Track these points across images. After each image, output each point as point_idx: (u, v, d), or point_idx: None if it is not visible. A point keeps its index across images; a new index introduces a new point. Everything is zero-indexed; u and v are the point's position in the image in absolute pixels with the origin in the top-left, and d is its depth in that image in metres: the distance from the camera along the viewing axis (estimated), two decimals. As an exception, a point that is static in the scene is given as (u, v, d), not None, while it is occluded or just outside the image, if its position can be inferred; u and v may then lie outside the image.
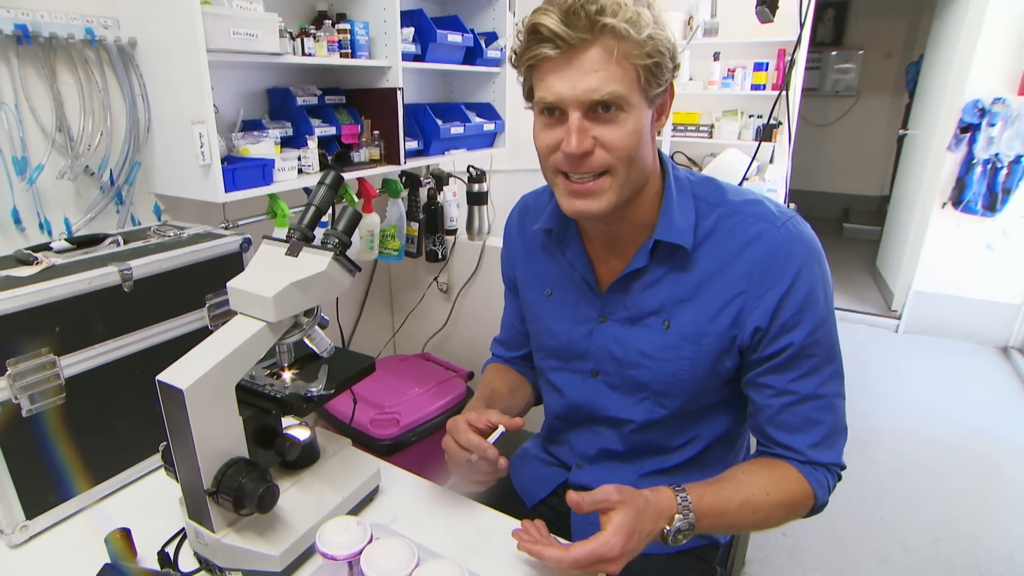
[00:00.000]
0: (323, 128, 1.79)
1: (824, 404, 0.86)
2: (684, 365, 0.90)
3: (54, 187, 1.36)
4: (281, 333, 0.84)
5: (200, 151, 1.37)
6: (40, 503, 0.88)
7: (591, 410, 1.02)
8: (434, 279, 2.33)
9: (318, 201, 0.90)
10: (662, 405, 0.94)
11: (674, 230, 0.87)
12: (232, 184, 1.46)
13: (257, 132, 1.65)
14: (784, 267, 0.83)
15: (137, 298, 0.97)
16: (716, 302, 0.86)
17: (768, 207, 0.87)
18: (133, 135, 1.45)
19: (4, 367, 0.82)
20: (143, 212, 1.54)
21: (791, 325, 0.83)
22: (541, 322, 1.07)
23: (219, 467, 0.77)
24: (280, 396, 0.85)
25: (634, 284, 0.92)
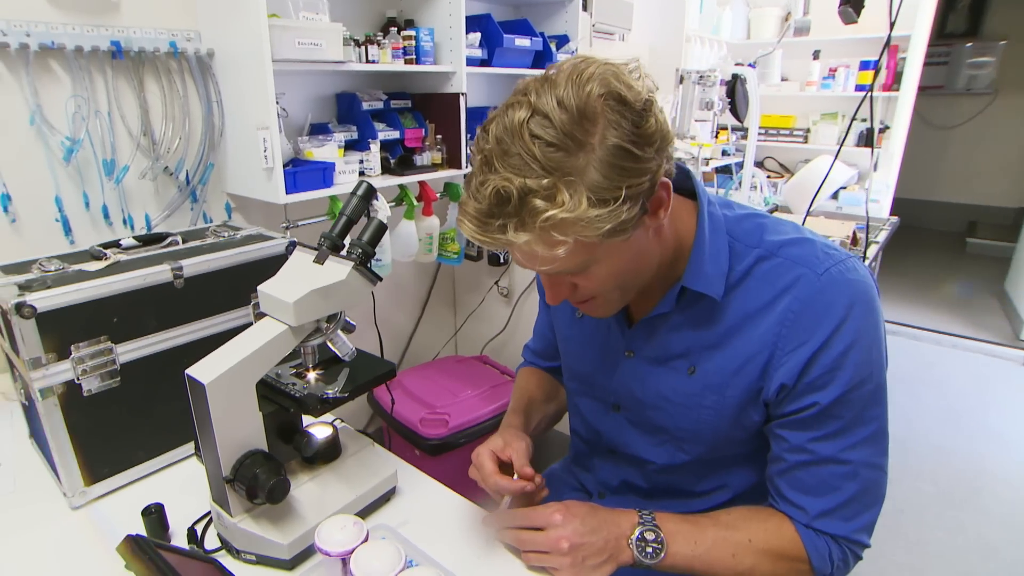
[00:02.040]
0: (387, 132, 1.90)
1: (847, 471, 0.80)
2: (705, 415, 0.87)
3: (137, 186, 1.53)
4: (303, 336, 0.91)
5: (264, 155, 1.50)
6: (96, 473, 1.02)
7: (612, 443, 1.02)
8: (495, 283, 2.40)
9: (349, 211, 0.95)
10: (683, 450, 0.92)
11: (702, 278, 0.83)
12: (293, 186, 1.59)
13: (322, 136, 1.78)
14: (820, 319, 0.77)
15: (187, 294, 1.09)
16: (743, 353, 0.82)
17: (814, 249, 0.81)
18: (208, 138, 1.61)
19: (69, 351, 0.96)
20: (215, 210, 1.70)
21: (819, 384, 0.78)
22: (570, 344, 1.07)
23: (238, 457, 0.86)
24: (299, 395, 0.93)
25: (661, 325, 0.89)
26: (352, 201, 0.96)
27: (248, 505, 0.88)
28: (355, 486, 0.98)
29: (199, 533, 0.94)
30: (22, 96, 1.33)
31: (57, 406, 0.96)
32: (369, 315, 1.13)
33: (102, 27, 1.39)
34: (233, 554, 0.90)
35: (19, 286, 0.95)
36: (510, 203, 0.65)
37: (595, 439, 1.05)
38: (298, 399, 0.92)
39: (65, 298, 0.94)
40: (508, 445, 0.95)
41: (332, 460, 1.01)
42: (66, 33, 1.33)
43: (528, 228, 0.66)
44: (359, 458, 1.04)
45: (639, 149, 0.67)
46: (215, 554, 0.91)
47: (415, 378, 2.18)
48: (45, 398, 0.94)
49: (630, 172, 0.67)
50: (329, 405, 0.92)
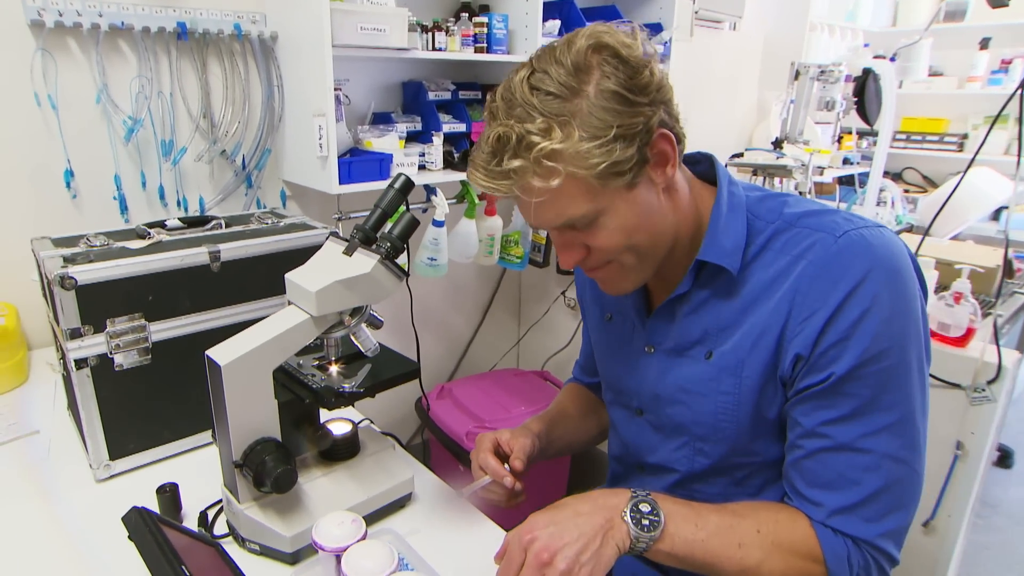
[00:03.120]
0: (453, 124, 1.99)
1: (867, 462, 0.79)
2: (724, 402, 0.89)
3: (193, 168, 1.69)
4: (325, 327, 0.99)
5: (319, 143, 1.62)
6: (122, 448, 1.14)
7: (637, 453, 1.05)
8: (562, 293, 2.43)
9: (385, 204, 1.02)
10: (704, 453, 0.94)
11: (718, 250, 0.87)
12: (347, 176, 1.70)
13: (384, 125, 1.89)
14: (836, 281, 0.79)
15: (223, 278, 1.20)
16: (758, 327, 0.85)
17: (835, 216, 0.85)
18: (266, 123, 1.75)
19: (104, 324, 1.08)
20: (270, 196, 1.85)
21: (833, 355, 0.79)
22: (600, 349, 1.12)
23: (250, 443, 0.94)
24: (316, 387, 1.00)
25: (679, 310, 0.93)
26: (388, 194, 1.02)
27: (256, 493, 0.96)
28: (368, 487, 1.04)
29: (210, 518, 1.04)
30: (91, 75, 1.50)
31: (89, 377, 1.08)
32: (406, 313, 1.19)
33: (169, 8, 1.55)
34: (239, 542, 0.99)
35: (64, 258, 1.08)
36: (509, 144, 0.76)
37: (625, 453, 1.08)
38: (315, 390, 1.00)
39: (104, 273, 1.07)
40: (514, 439, 1.03)
41: (349, 458, 1.08)
42: (135, 14, 1.50)
43: (522, 157, 0.76)
44: (377, 459, 1.10)
45: (632, 94, 0.76)
46: (222, 540, 1.00)
47: (468, 388, 2.24)
48: (79, 369, 1.07)
49: (621, 114, 0.76)
50: (344, 399, 0.99)
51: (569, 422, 1.19)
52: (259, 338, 0.93)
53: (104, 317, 1.08)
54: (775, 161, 2.49)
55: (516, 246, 2.22)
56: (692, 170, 0.95)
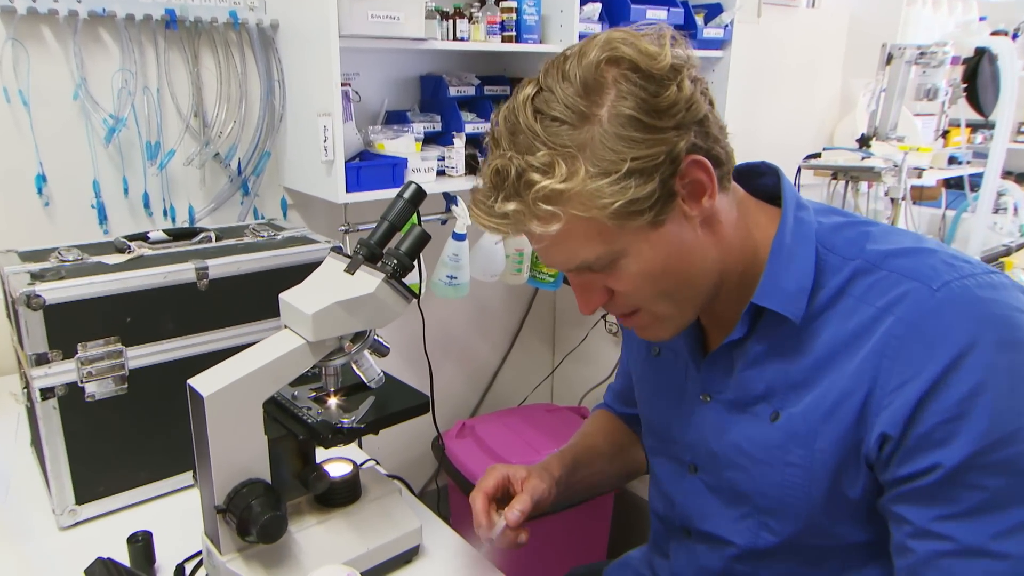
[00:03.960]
0: (477, 124, 2.01)
1: (1007, 570, 0.73)
2: (792, 476, 0.86)
3: (182, 173, 1.73)
4: (323, 354, 1.00)
5: (323, 145, 1.64)
6: (90, 491, 1.16)
7: (686, 516, 1.02)
8: (603, 317, 2.41)
9: (392, 216, 1.03)
10: (770, 529, 0.91)
11: (778, 294, 0.84)
12: (356, 184, 1.72)
13: (398, 126, 1.91)
14: (933, 346, 0.74)
15: (211, 298, 1.23)
16: (835, 392, 0.82)
17: (935, 259, 0.80)
18: (265, 123, 1.79)
19: (75, 349, 1.11)
20: (269, 206, 1.89)
21: (939, 438, 0.74)
22: (643, 388, 1.11)
23: (235, 485, 0.94)
24: (311, 422, 1.01)
25: (737, 357, 0.91)
26: (397, 205, 1.03)
27: (240, 543, 0.97)
28: (369, 538, 1.04)
29: (187, 572, 1.05)
30: (67, 68, 1.56)
31: (56, 409, 1.11)
32: (417, 340, 1.21)
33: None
34: (220, 600, 1.00)
35: (32, 275, 1.12)
36: (508, 179, 0.76)
37: (670, 514, 1.06)
38: (310, 426, 1.00)
39: (77, 291, 1.10)
40: (529, 480, 1.02)
41: (349, 504, 1.08)
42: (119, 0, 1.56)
43: (520, 200, 0.75)
44: (381, 505, 1.10)
45: (650, 119, 0.74)
46: (201, 597, 1.01)
47: (493, 426, 2.23)
48: (44, 399, 1.10)
49: (637, 143, 0.74)
50: (343, 436, 1.00)
51: (597, 461, 1.18)
52: (248, 366, 0.94)
53: (75, 341, 1.11)
54: (859, 162, 2.44)
55: (549, 263, 2.20)
56: (755, 184, 0.93)
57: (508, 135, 0.78)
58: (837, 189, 2.56)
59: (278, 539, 0.95)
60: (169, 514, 1.20)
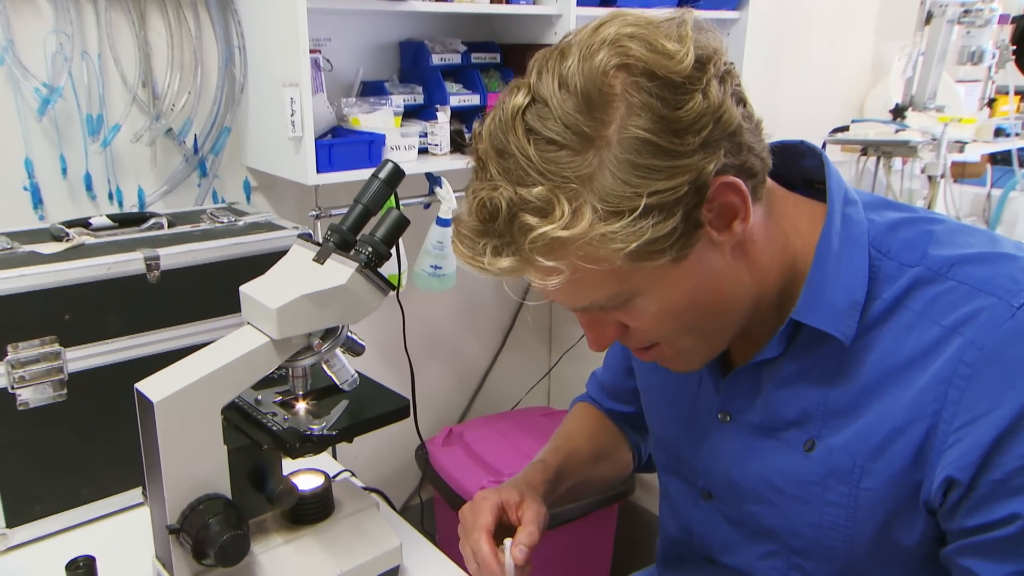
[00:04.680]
0: (464, 96, 1.99)
1: None
2: (833, 516, 0.83)
3: (130, 151, 1.71)
4: (289, 354, 0.99)
5: (291, 120, 1.62)
6: (25, 511, 1.15)
7: (706, 546, 1.01)
8: None
9: (367, 199, 1.03)
10: (803, 571, 0.89)
11: (822, 310, 0.80)
12: (328, 163, 1.70)
13: (375, 98, 1.89)
14: (1014, 378, 0.71)
15: (164, 292, 1.21)
16: (886, 424, 0.78)
17: (1016, 268, 0.77)
18: (224, 95, 1.77)
19: (6, 351, 1.10)
20: (230, 188, 1.87)
21: (1019, 485, 0.71)
22: (651, 398, 1.09)
23: (190, 502, 0.93)
24: (277, 429, 1.00)
25: (768, 377, 0.88)
26: (372, 186, 1.02)
27: (196, 567, 0.96)
28: (342, 558, 1.03)
29: (138, 600, 1.04)
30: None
31: (-16, 419, 1.09)
32: (397, 337, 1.19)
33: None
34: (172, 632, 0.98)
35: (-46, 267, 1.10)
36: (498, 218, 0.69)
37: (688, 540, 1.05)
38: (275, 434, 0.99)
39: (6, 284, 1.08)
40: (527, 506, 0.99)
41: (320, 521, 1.08)
42: (52, -49, 1.53)
43: (516, 251, 0.70)
44: (355, 522, 1.09)
45: (670, 141, 0.67)
46: (152, 630, 1.00)
47: (484, 432, 2.21)
48: (-30, 408, 1.08)
49: (657, 173, 0.68)
50: (313, 446, 0.98)
51: (582, 468, 1.17)
52: (204, 367, 0.93)
53: (5, 342, 1.10)
54: (893, 135, 2.41)
55: (546, 250, 2.19)
56: (793, 168, 0.89)
57: (496, 157, 0.71)
58: (867, 166, 2.53)
59: (239, 561, 0.94)
60: (114, 535, 1.19)
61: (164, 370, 0.94)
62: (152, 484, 0.95)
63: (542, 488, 1.07)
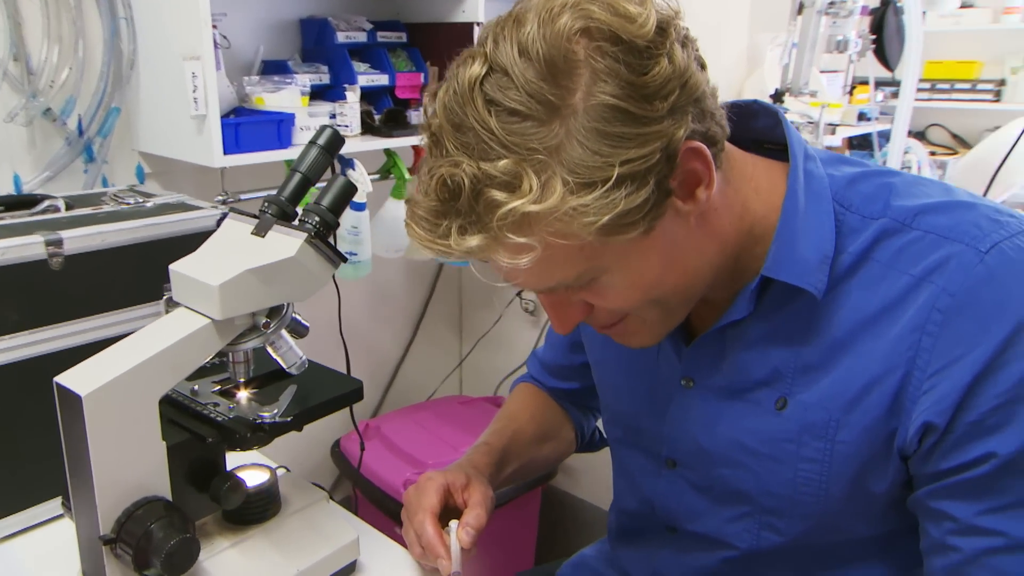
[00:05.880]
0: (372, 76, 1.92)
1: None
2: (807, 473, 0.84)
3: (2, 133, 1.54)
4: (232, 336, 0.90)
5: (193, 97, 1.50)
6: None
7: (669, 516, 1.01)
8: (517, 294, 2.40)
9: (305, 167, 0.96)
10: (774, 529, 0.89)
11: (794, 264, 0.80)
12: (235, 145, 1.60)
13: (279, 77, 1.79)
14: (987, 321, 0.72)
15: (69, 280, 1.08)
16: (861, 376, 0.79)
17: (976, 215, 0.78)
18: (112, 71, 1.62)
19: None
20: (121, 174, 1.71)
21: (994, 424, 0.72)
22: (604, 372, 1.08)
23: (126, 507, 0.83)
24: (222, 420, 0.91)
25: (734, 340, 0.88)
26: (311, 153, 0.96)
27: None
28: (296, 557, 0.96)
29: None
30: None
31: None
32: (332, 320, 1.12)
33: None
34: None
35: None
36: (461, 196, 0.66)
37: (648, 512, 1.04)
38: (221, 425, 0.91)
39: None
40: (470, 489, 0.99)
41: (267, 519, 1.00)
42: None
43: (483, 228, 0.67)
44: (306, 517, 1.02)
45: (639, 107, 0.66)
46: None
47: (401, 424, 2.19)
48: None
49: (628, 141, 0.66)
50: (264, 434, 0.91)
51: (526, 449, 1.16)
52: (137, 355, 0.83)
53: None
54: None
55: (460, 234, 2.15)
56: (748, 128, 0.88)
57: (453, 132, 0.68)
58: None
59: (188, 569, 0.85)
60: (22, 556, 1.06)
61: (87, 361, 0.84)
62: (78, 491, 0.85)
63: (487, 470, 1.07)
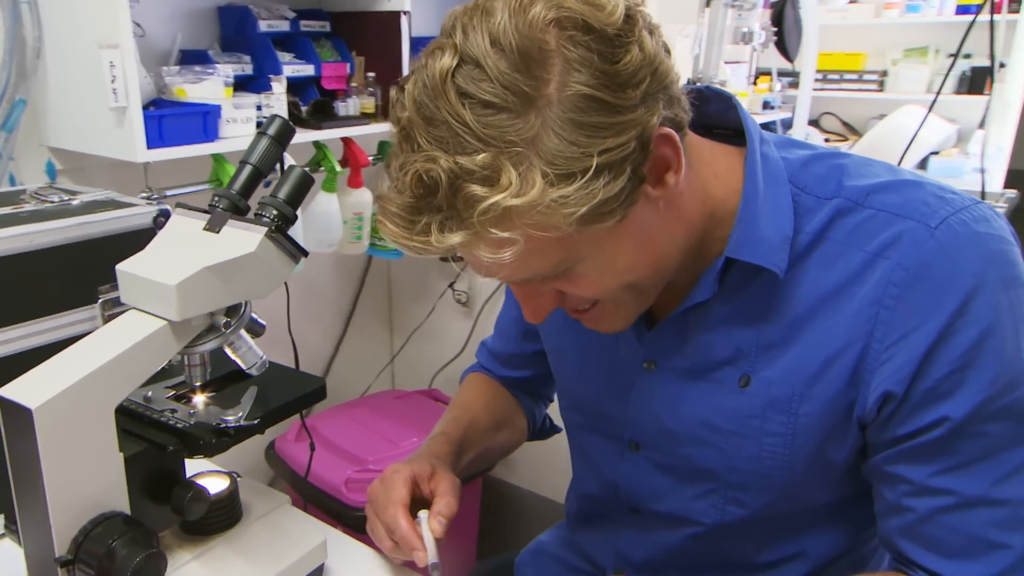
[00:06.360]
0: (297, 66, 1.88)
1: (1007, 515, 0.77)
2: (772, 446, 0.86)
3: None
4: (190, 338, 0.87)
5: (112, 88, 1.44)
6: None
7: (633, 498, 1.02)
8: (449, 286, 2.39)
9: (256, 159, 0.92)
10: (739, 503, 0.92)
11: (757, 245, 0.82)
12: (159, 138, 1.54)
13: (200, 67, 1.72)
14: (940, 292, 0.75)
15: (-10, 285, 1.02)
16: (822, 350, 0.82)
17: (923, 193, 0.81)
18: (15, 61, 1.53)
19: None
20: (29, 172, 1.63)
21: (946, 390, 0.76)
22: (562, 359, 1.09)
23: (82, 526, 0.79)
24: (183, 427, 0.88)
25: (696, 322, 0.90)
26: (260, 144, 0.92)
27: (98, 603, 0.81)
28: (264, 565, 0.93)
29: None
30: None
31: None
32: (280, 318, 1.09)
33: None
34: None
35: None
36: (438, 192, 0.66)
37: (610, 495, 1.05)
38: (182, 432, 0.88)
39: None
40: (436, 478, 0.98)
41: (230, 527, 0.97)
42: None
43: (463, 224, 0.66)
44: (270, 523, 1.00)
45: (615, 95, 0.66)
46: None
47: (337, 422, 2.17)
48: None
49: (604, 130, 0.66)
50: (229, 439, 0.89)
51: (483, 438, 1.16)
52: (89, 362, 0.79)
53: None
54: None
55: (392, 227, 2.12)
56: (700, 112, 0.88)
57: (423, 125, 0.67)
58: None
59: None
60: None
61: (33, 372, 0.79)
62: (27, 511, 0.80)
63: (448, 459, 1.07)
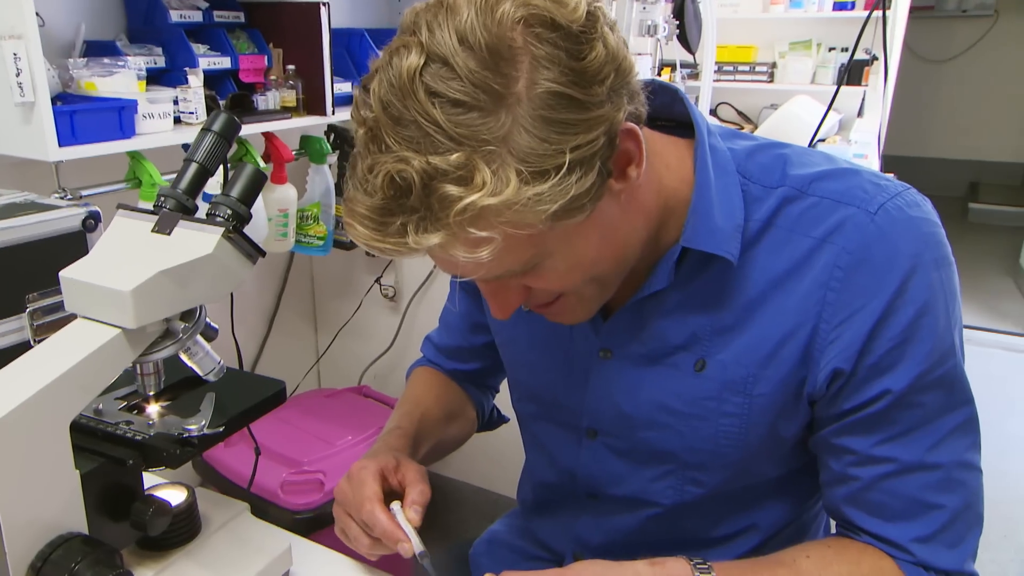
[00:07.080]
0: (212, 58, 1.83)
1: (940, 478, 0.83)
2: (728, 426, 0.89)
3: None
4: (144, 346, 0.84)
5: (16, 82, 1.39)
6: None
7: (591, 484, 1.04)
8: (376, 280, 2.38)
9: (202, 156, 0.90)
10: (696, 483, 0.95)
11: (710, 234, 0.84)
12: (71, 135, 1.49)
13: (109, 59, 1.66)
14: (881, 273, 0.80)
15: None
16: (774, 332, 0.85)
17: (861, 180, 0.85)
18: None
19: None
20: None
21: (888, 364, 0.81)
22: (516, 350, 1.09)
23: (39, 549, 0.76)
24: (142, 439, 0.85)
25: (651, 310, 0.92)
26: (204, 141, 0.90)
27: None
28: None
29: None
30: None
31: None
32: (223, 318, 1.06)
33: None
34: None
35: None
36: (411, 193, 0.65)
37: (567, 482, 1.07)
38: (141, 444, 0.86)
39: None
40: (403, 469, 0.96)
41: (190, 540, 0.94)
42: None
43: (439, 225, 0.66)
44: (230, 532, 0.98)
45: (583, 92, 0.67)
46: None
47: (266, 424, 2.09)
48: None
49: (574, 127, 0.67)
50: (194, 449, 0.87)
51: (435, 430, 1.16)
52: (40, 377, 0.75)
53: None
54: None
55: (317, 224, 2.10)
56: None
57: (392, 125, 0.66)
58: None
59: None
60: None
61: None
62: None
63: (406, 452, 1.06)
